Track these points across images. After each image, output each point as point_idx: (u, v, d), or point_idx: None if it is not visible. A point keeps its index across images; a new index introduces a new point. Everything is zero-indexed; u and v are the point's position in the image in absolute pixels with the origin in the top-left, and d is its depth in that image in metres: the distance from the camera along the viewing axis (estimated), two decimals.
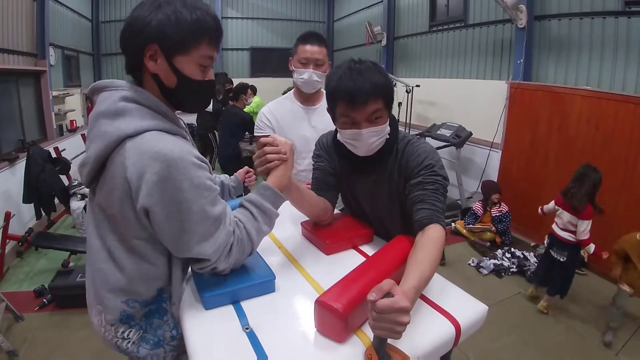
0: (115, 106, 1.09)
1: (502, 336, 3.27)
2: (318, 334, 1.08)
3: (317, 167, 1.73)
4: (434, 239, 1.26)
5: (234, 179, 1.82)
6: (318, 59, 2.21)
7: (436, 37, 7.25)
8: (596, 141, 4.28)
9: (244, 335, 1.07)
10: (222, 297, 1.19)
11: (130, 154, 1.04)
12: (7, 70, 5.47)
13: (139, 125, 1.07)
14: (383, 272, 1.18)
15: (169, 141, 1.07)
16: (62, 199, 4.72)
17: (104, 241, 1.19)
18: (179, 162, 1.04)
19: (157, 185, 1.02)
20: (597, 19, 4.49)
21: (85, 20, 8.92)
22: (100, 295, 1.21)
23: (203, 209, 1.08)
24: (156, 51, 1.11)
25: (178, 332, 1.27)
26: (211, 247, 1.12)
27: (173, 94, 1.17)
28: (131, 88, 1.14)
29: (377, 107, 1.39)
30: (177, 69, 1.13)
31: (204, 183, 1.09)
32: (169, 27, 1.08)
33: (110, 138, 1.06)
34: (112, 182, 1.08)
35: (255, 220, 1.23)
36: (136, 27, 1.10)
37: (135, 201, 1.06)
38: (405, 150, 1.53)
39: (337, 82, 1.41)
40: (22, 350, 3.05)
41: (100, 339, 1.29)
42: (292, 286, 1.32)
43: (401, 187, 1.53)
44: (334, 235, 1.58)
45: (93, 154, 1.09)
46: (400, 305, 0.88)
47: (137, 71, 1.18)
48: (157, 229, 1.10)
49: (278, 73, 10.60)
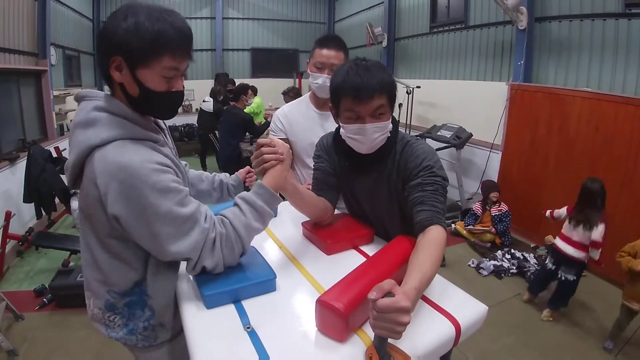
0: (87, 116, 1.15)
1: (502, 337, 3.28)
2: (319, 334, 1.08)
3: (318, 167, 1.73)
4: (435, 239, 1.27)
5: (234, 177, 1.82)
6: (334, 64, 2.09)
7: (437, 39, 7.25)
8: (596, 143, 4.28)
9: (245, 335, 1.07)
10: (223, 296, 1.20)
11: (98, 165, 1.09)
12: (8, 70, 5.47)
13: (105, 135, 1.12)
14: (384, 272, 1.19)
15: (131, 150, 1.11)
16: (63, 198, 4.73)
17: (86, 238, 1.28)
18: (139, 170, 1.08)
19: (122, 194, 1.08)
20: (597, 21, 4.49)
21: (86, 20, 8.91)
22: (89, 283, 1.33)
23: (170, 210, 1.11)
24: (120, 62, 1.13)
25: (150, 324, 1.33)
26: (187, 246, 1.15)
27: (138, 103, 1.20)
28: (104, 97, 1.20)
29: (381, 102, 1.41)
30: (140, 81, 1.15)
31: (168, 186, 1.12)
32: (131, 39, 1.09)
33: (82, 147, 1.12)
34: (86, 187, 1.15)
35: (244, 217, 1.25)
36: (105, 37, 1.12)
37: (105, 207, 1.11)
38: (403, 151, 1.54)
39: (343, 77, 1.42)
40: (22, 350, 3.06)
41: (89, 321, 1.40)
42: (293, 286, 1.33)
43: (400, 187, 1.54)
44: (334, 236, 1.59)
45: (71, 162, 1.17)
46: (400, 305, 0.88)
47: (107, 80, 1.21)
48: (132, 234, 1.15)
49: (279, 74, 10.63)
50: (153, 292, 1.30)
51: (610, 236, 3.93)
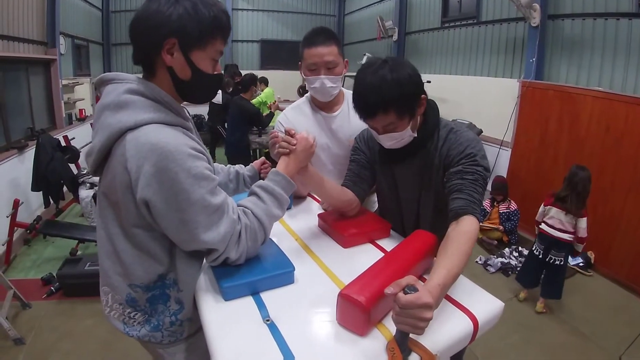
0: (119, 99, 1.12)
1: (509, 335, 3.26)
2: (339, 327, 1.08)
3: (354, 159, 1.77)
4: (466, 232, 1.26)
5: (249, 168, 1.80)
6: (328, 61, 1.87)
7: (448, 34, 7.20)
8: (606, 142, 4.25)
9: (265, 327, 1.08)
10: (241, 288, 1.21)
11: (129, 146, 1.06)
12: (18, 59, 5.48)
13: (139, 118, 1.09)
14: (404, 267, 1.21)
15: (166, 133, 1.10)
16: (71, 187, 4.73)
17: (107, 227, 1.23)
18: (175, 154, 1.06)
19: (155, 177, 1.05)
20: (610, 20, 4.44)
21: (95, 9, 8.92)
22: (108, 277, 1.27)
23: (203, 197, 1.10)
24: (174, 45, 1.13)
25: (177, 319, 1.30)
26: (216, 237, 1.13)
27: (186, 86, 1.21)
28: (137, 81, 1.17)
29: (388, 120, 1.41)
30: (193, 63, 1.17)
31: (202, 172, 1.10)
32: (189, 23, 1.11)
33: (112, 130, 1.09)
34: (114, 172, 1.11)
35: (264, 204, 1.26)
36: (154, 21, 1.11)
37: (134, 192, 1.08)
38: (447, 138, 1.52)
39: (356, 84, 1.44)
40: (28, 338, 3.07)
41: (105, 317, 1.36)
42: (311, 278, 1.33)
43: (440, 174, 1.54)
44: (352, 228, 1.59)
45: (97, 145, 1.13)
46: (423, 301, 0.89)
47: (148, 63, 1.20)
48: (160, 221, 1.12)
49: (288, 66, 10.58)
50: (184, 285, 1.26)
51: (618, 236, 3.92)
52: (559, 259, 3.49)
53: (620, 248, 4.08)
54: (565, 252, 3.51)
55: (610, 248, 4.19)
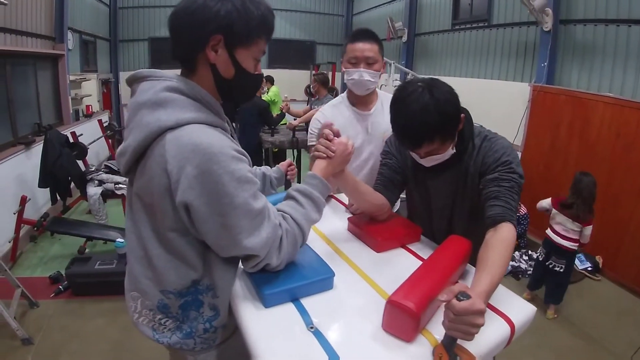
0: (157, 96, 1.08)
1: (522, 338, 3.21)
2: (384, 333, 1.07)
3: (385, 163, 1.76)
4: (505, 240, 1.27)
5: (276, 170, 1.80)
6: (369, 56, 2.01)
7: (458, 36, 7.19)
8: (616, 148, 4.24)
9: (310, 335, 1.06)
10: (282, 295, 1.18)
11: (170, 147, 1.02)
12: (26, 53, 5.46)
13: (180, 117, 1.05)
14: (446, 273, 1.22)
15: (210, 134, 1.06)
16: (79, 184, 4.69)
17: (139, 230, 1.18)
18: (219, 156, 1.02)
19: (197, 180, 1.01)
20: (622, 26, 4.44)
21: (103, 5, 8.94)
22: (138, 282, 1.22)
23: (246, 201, 1.06)
24: (219, 42, 1.10)
25: (212, 326, 1.25)
26: (258, 242, 1.09)
27: (227, 85, 1.18)
28: (176, 78, 1.13)
29: (432, 147, 1.40)
30: (237, 61, 1.15)
31: (245, 176, 1.07)
32: (237, 20, 1.09)
33: (150, 129, 1.05)
34: (151, 173, 1.07)
35: (303, 209, 1.24)
36: (201, 16, 1.07)
37: (174, 194, 1.04)
38: (482, 146, 1.52)
39: (396, 113, 1.40)
40: (37, 338, 3.02)
41: (133, 324, 1.31)
42: (349, 284, 1.31)
43: (476, 182, 1.53)
44: (384, 233, 1.58)
45: (132, 144, 1.08)
46: (476, 307, 0.91)
47: (189, 59, 1.16)
48: (199, 226, 1.07)
49: (295, 65, 10.58)
50: (220, 291, 1.22)
51: (626, 241, 3.92)
52: (559, 266, 3.51)
53: (628, 253, 4.10)
54: (567, 260, 3.51)
55: (618, 252, 4.20)
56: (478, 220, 1.46)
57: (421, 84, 1.36)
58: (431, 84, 1.36)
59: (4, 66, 4.92)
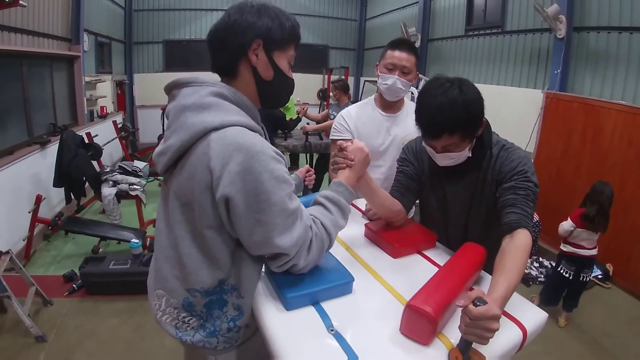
0: (202, 100, 1.15)
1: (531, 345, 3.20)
2: (402, 336, 1.11)
3: (402, 170, 1.80)
4: (521, 246, 1.31)
5: (294, 177, 1.84)
6: (405, 66, 2.11)
7: (472, 42, 7.17)
8: (628, 156, 4.22)
9: (331, 337, 1.09)
10: (304, 298, 1.22)
11: (214, 145, 1.09)
12: (42, 54, 5.52)
13: (225, 119, 1.13)
14: (462, 279, 1.25)
15: (251, 136, 1.12)
16: (94, 184, 4.74)
17: (172, 229, 1.23)
18: (261, 155, 1.08)
19: (239, 175, 1.06)
20: (635, 34, 4.41)
21: (118, 7, 9.02)
22: (166, 280, 1.27)
23: (282, 200, 1.11)
24: (259, 45, 1.21)
25: (235, 325, 1.28)
26: (289, 241, 1.13)
27: (267, 87, 1.27)
28: (219, 84, 1.21)
29: (451, 141, 1.44)
30: (275, 63, 1.25)
31: (283, 176, 1.13)
32: (273, 27, 1.21)
33: (195, 129, 1.12)
34: (192, 170, 1.13)
35: (331, 214, 1.28)
36: (241, 26, 1.20)
37: (215, 190, 1.09)
38: (499, 155, 1.56)
39: (421, 102, 1.47)
40: (51, 336, 3.05)
41: (156, 322, 1.34)
42: (367, 289, 1.35)
43: (492, 190, 1.57)
44: (401, 239, 1.62)
45: (176, 144, 1.15)
46: (493, 313, 0.95)
47: (231, 66, 1.25)
48: (236, 220, 1.12)
49: (308, 69, 10.55)
50: (245, 292, 1.26)
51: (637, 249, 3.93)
52: (587, 276, 3.51)
53: (638, 262, 4.07)
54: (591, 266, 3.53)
55: (629, 261, 4.18)
56: (492, 228, 1.52)
57: (451, 79, 1.42)
58: (461, 81, 1.43)
59: (20, 66, 4.98)
